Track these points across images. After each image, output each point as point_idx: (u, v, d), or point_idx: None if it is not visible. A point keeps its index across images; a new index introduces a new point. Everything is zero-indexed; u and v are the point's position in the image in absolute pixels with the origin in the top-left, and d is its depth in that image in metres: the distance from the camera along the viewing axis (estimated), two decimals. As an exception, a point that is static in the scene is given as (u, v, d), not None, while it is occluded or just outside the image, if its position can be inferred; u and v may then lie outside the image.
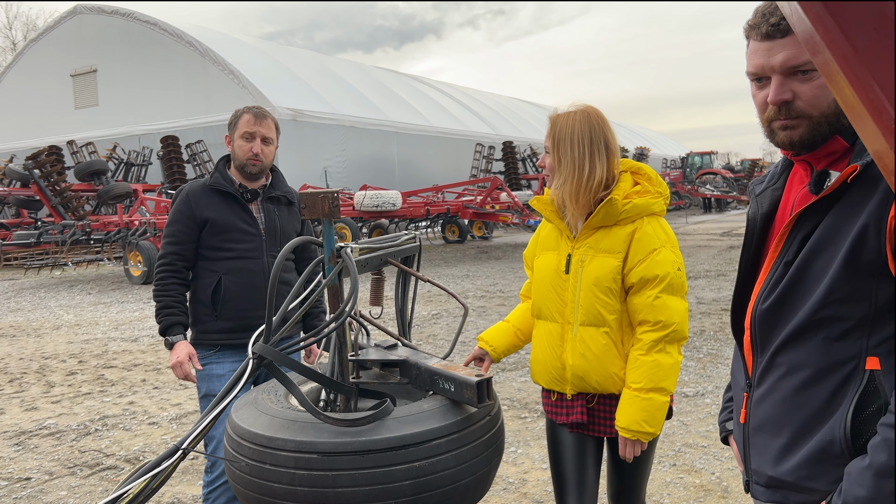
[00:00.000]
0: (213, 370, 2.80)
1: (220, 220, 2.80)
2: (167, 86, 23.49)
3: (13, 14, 67.52)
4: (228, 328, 2.81)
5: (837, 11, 0.71)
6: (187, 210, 2.81)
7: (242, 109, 2.93)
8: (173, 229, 2.82)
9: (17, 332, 8.71)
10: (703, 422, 4.45)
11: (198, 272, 2.84)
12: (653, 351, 1.92)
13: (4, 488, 3.84)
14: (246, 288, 2.81)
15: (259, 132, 2.85)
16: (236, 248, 2.82)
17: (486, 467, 2.05)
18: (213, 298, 2.79)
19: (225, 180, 2.86)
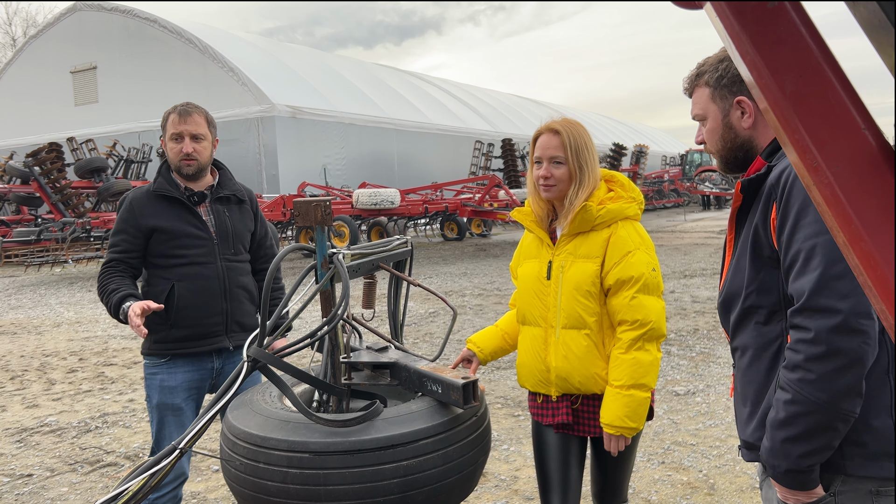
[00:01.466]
0: (163, 382, 2.71)
1: (168, 228, 2.68)
2: (167, 83, 23.54)
3: (13, 10, 67.51)
4: (183, 337, 2.70)
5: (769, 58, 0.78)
6: (132, 219, 2.69)
7: (169, 109, 2.74)
8: (118, 239, 2.70)
9: (18, 330, 8.79)
10: (693, 420, 4.53)
11: (149, 279, 2.73)
12: (632, 349, 2.01)
13: (7, 485, 3.92)
14: (200, 294, 2.70)
15: (186, 130, 2.68)
16: (188, 254, 2.70)
17: (472, 466, 2.13)
18: (166, 306, 2.65)
19: (169, 185, 2.73)
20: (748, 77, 0.84)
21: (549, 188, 2.11)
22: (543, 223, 2.19)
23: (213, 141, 2.80)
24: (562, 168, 2.09)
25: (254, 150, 21.85)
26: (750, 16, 0.79)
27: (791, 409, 1.39)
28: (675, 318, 7.73)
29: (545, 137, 2.11)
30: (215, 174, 2.86)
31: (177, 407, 2.74)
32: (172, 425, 2.73)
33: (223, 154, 22.15)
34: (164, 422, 2.73)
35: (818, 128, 0.75)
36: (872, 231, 0.73)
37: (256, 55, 24.58)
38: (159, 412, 2.72)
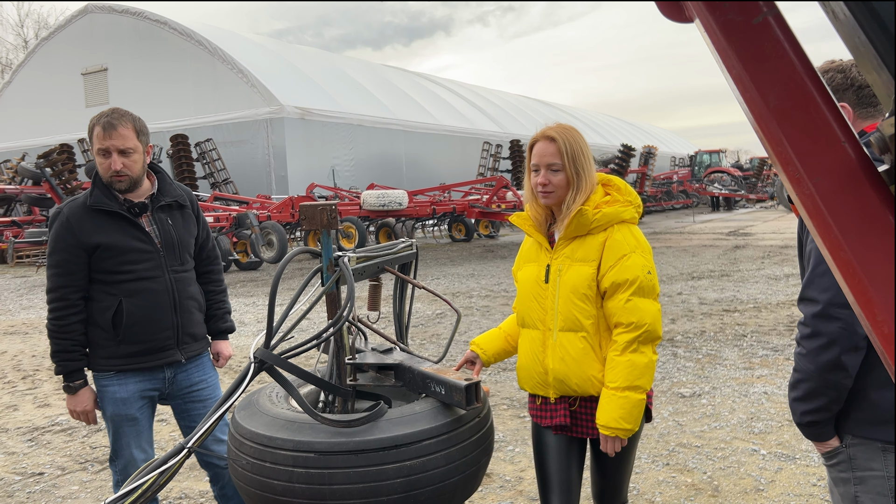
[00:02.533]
0: (114, 393, 2.64)
1: (111, 244, 2.54)
2: (176, 84, 23.70)
3: (24, 12, 68.06)
4: (133, 353, 2.62)
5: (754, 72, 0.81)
6: (70, 237, 2.53)
7: (93, 120, 2.56)
8: (57, 259, 2.54)
9: (30, 330, 8.88)
10: (699, 422, 4.54)
11: (93, 294, 2.59)
12: (627, 351, 2.03)
13: (19, 482, 3.98)
14: (150, 310, 2.61)
15: (113, 146, 2.51)
16: (134, 269, 2.58)
17: (475, 466, 2.16)
18: (113, 322, 2.57)
19: (107, 197, 2.57)
20: (734, 91, 0.87)
21: (547, 195, 2.14)
22: (542, 227, 2.22)
23: (144, 150, 2.64)
24: (559, 175, 2.12)
25: (263, 151, 21.95)
26: (736, 31, 0.82)
27: (794, 376, 1.79)
28: (682, 320, 7.73)
29: (541, 145, 2.14)
30: (153, 179, 2.73)
31: (131, 417, 2.68)
32: (129, 435, 2.70)
33: (234, 155, 22.34)
34: (119, 432, 2.68)
35: (800, 140, 0.78)
36: (851, 240, 0.75)
37: (266, 57, 24.70)
38: (114, 422, 2.67)
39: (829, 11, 0.82)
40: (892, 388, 1.64)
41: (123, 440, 2.69)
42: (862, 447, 1.71)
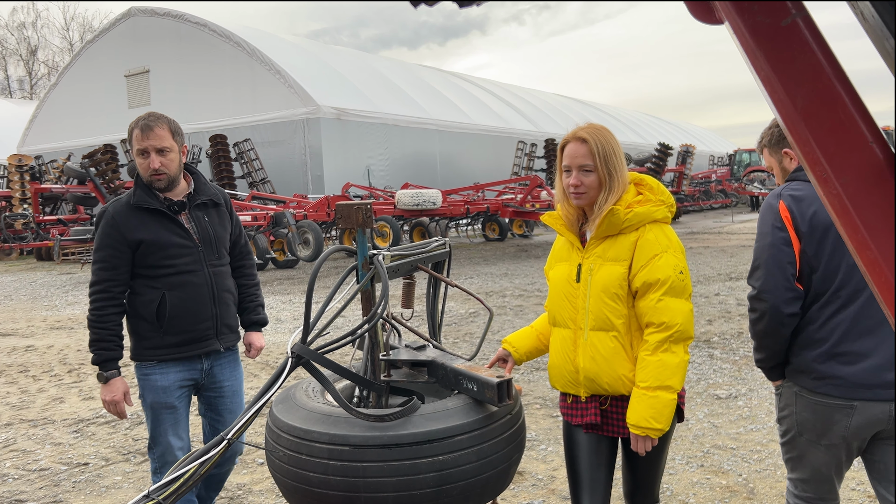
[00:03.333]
0: (156, 382, 2.77)
1: (154, 240, 2.69)
2: (215, 85, 24.10)
3: (70, 15, 69.88)
4: (176, 343, 2.75)
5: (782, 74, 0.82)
6: (116, 234, 2.68)
7: (132, 124, 2.72)
8: (104, 254, 2.68)
9: (75, 325, 9.14)
10: (734, 424, 4.49)
11: (136, 288, 2.74)
12: (658, 351, 2.03)
13: (65, 472, 4.11)
14: (191, 302, 2.75)
15: (151, 146, 2.67)
16: (176, 263, 2.73)
17: (507, 463, 2.18)
18: (157, 314, 2.71)
19: (148, 196, 2.73)
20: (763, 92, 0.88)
21: (579, 196, 2.15)
22: (573, 227, 2.23)
23: (180, 150, 2.78)
24: (591, 175, 2.12)
25: (300, 151, 22.21)
26: (764, 33, 0.83)
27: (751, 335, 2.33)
28: (719, 321, 7.64)
29: (573, 146, 2.14)
30: (189, 180, 2.88)
31: (170, 405, 2.80)
32: (167, 422, 2.82)
33: (272, 155, 22.60)
34: (158, 419, 2.80)
35: (828, 141, 0.79)
36: (878, 240, 0.76)
37: (302, 58, 24.97)
38: (154, 410, 2.79)
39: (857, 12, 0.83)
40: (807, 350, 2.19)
41: (162, 427, 2.81)
42: (787, 389, 2.30)
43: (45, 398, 5.72)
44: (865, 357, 2.07)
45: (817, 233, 2.09)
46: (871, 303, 2.06)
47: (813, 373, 2.16)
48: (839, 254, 2.08)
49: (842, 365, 2.10)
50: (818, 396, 2.15)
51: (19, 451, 4.50)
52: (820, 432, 2.16)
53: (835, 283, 2.10)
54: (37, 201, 19.83)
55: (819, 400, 2.15)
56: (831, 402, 2.12)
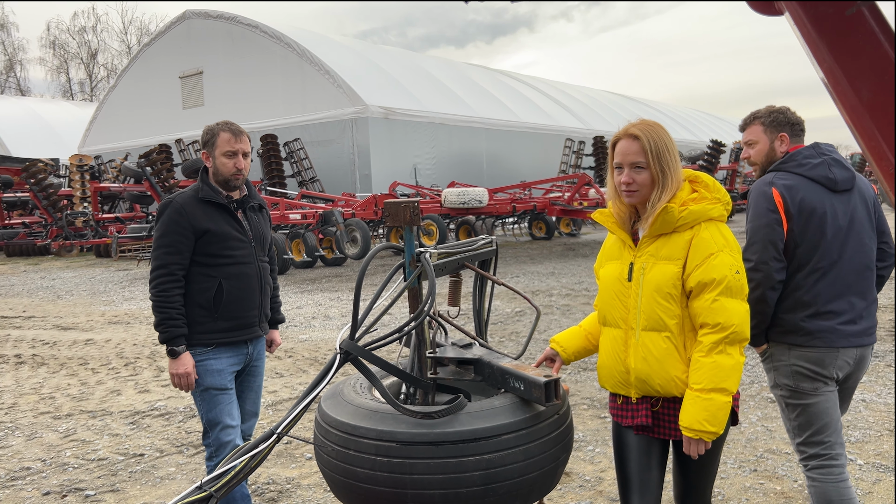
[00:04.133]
0: (211, 366, 2.96)
1: (218, 231, 2.94)
2: (266, 86, 24.52)
3: (128, 20, 72.05)
4: (227, 328, 2.98)
5: (846, 65, 0.79)
6: (184, 221, 2.90)
7: (218, 127, 3.01)
8: (171, 239, 2.90)
9: (131, 320, 9.43)
10: (789, 428, 4.36)
11: (193, 277, 2.94)
12: (713, 352, 1.98)
13: (122, 462, 4.24)
14: (244, 291, 3.00)
15: (240, 149, 2.99)
16: (234, 254, 2.98)
17: (554, 463, 2.16)
18: (214, 302, 2.93)
19: (213, 192, 2.99)
20: (825, 84, 0.85)
21: (631, 194, 2.11)
22: (625, 225, 2.19)
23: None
24: (644, 173, 2.08)
25: (348, 150, 22.44)
26: (827, 24, 0.80)
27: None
28: (772, 323, 7.42)
29: (624, 143, 2.10)
30: (243, 186, 3.17)
31: (224, 387, 3.00)
32: (223, 403, 3.00)
33: (320, 154, 22.88)
34: (214, 402, 2.98)
35: (894, 135, 0.75)
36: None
37: (351, 58, 25.22)
38: (210, 394, 2.98)
39: None
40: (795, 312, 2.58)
41: (217, 409, 2.98)
42: (777, 347, 2.64)
43: (104, 390, 5.91)
44: (840, 315, 2.57)
45: (804, 215, 2.56)
46: (840, 272, 2.57)
47: (802, 330, 2.58)
48: (819, 232, 2.56)
49: (825, 321, 2.56)
50: (808, 348, 2.58)
51: (79, 440, 4.66)
52: (814, 375, 2.58)
53: (815, 255, 2.56)
54: (96, 200, 20.52)
55: (810, 350, 2.58)
56: (820, 350, 2.57)
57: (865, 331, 2.61)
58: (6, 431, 4.90)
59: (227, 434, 2.97)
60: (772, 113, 2.78)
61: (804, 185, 2.57)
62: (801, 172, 2.59)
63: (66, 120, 38.77)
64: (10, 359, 7.30)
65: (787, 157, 2.67)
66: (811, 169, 2.59)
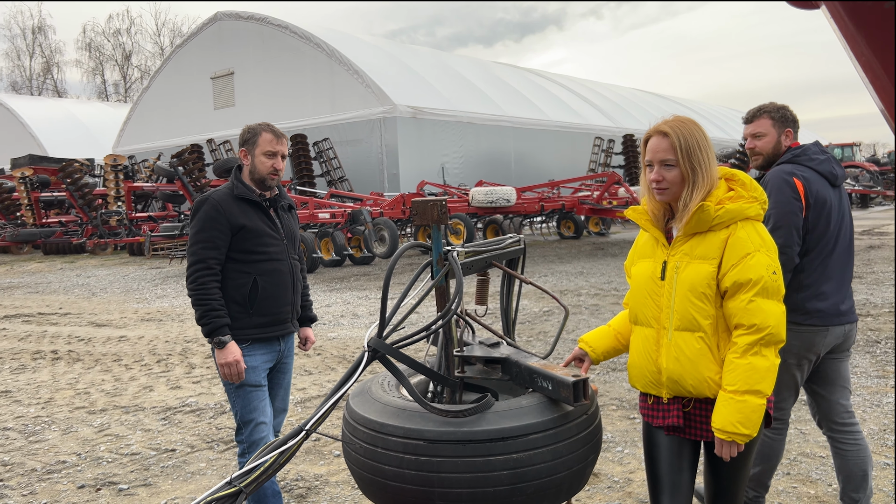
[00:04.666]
0: (246, 362, 2.98)
1: (253, 227, 3.00)
2: (296, 86, 24.73)
3: (161, 21, 73.23)
4: (262, 324, 3.02)
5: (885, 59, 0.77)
6: (221, 217, 2.95)
7: (260, 127, 3.08)
8: (208, 235, 2.95)
9: (164, 317, 9.58)
10: (824, 432, 4.28)
11: (228, 273, 2.99)
12: (748, 354, 1.95)
13: (154, 457, 4.31)
14: (278, 287, 3.05)
15: (280, 150, 3.06)
16: (268, 251, 3.03)
17: (582, 463, 2.15)
18: (249, 298, 2.98)
19: (248, 190, 3.06)
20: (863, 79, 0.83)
21: (662, 192, 2.08)
22: (659, 223, 2.16)
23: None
24: (673, 171, 2.05)
25: (376, 150, 22.54)
26: (866, 17, 0.78)
27: None
28: (806, 324, 7.29)
29: (655, 140, 2.08)
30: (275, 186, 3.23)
31: (259, 384, 3.04)
32: (257, 399, 3.03)
33: (349, 154, 23.02)
34: (249, 398, 3.01)
35: (936, 129, 0.73)
36: None
37: (380, 57, 25.31)
38: (245, 391, 3.01)
39: None
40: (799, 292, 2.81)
41: (251, 405, 3.02)
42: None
43: (136, 386, 6.01)
44: (831, 295, 2.85)
45: (818, 205, 2.81)
46: (834, 258, 2.85)
47: (801, 310, 2.81)
48: (826, 221, 2.83)
49: (820, 302, 2.82)
50: (805, 327, 2.82)
51: (113, 435, 4.75)
52: (803, 353, 2.84)
53: (821, 242, 2.82)
54: (129, 199, 20.88)
55: (806, 328, 2.82)
56: (814, 328, 2.82)
57: (851, 309, 2.93)
58: (43, 426, 5.01)
59: (259, 431, 3.01)
60: (779, 109, 3.03)
61: (816, 178, 2.84)
62: (813, 166, 2.87)
63: (101, 121, 39.55)
64: (47, 354, 7.47)
65: (799, 152, 2.92)
66: (820, 164, 2.88)
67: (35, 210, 22.19)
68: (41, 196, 22.58)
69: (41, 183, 22.62)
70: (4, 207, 23.74)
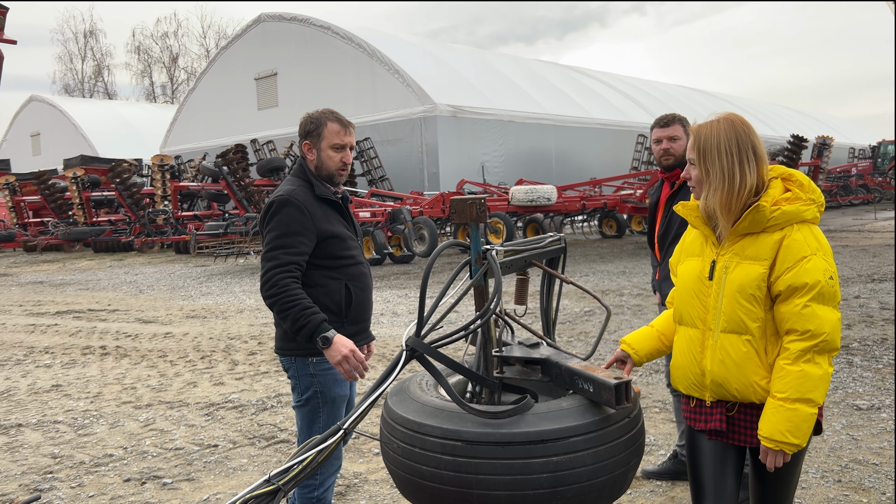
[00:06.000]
0: (337, 375, 2.68)
1: (338, 231, 2.72)
2: (338, 86, 24.95)
3: (207, 24, 74.69)
4: (354, 332, 2.74)
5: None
6: (307, 221, 2.64)
7: (324, 117, 2.77)
8: (293, 240, 2.61)
9: (208, 314, 9.75)
10: (877, 438, 4.13)
11: (317, 280, 2.67)
12: (800, 361, 1.88)
13: (197, 452, 4.38)
14: (365, 291, 2.80)
15: (349, 142, 2.77)
16: (353, 254, 2.77)
17: (624, 468, 2.10)
18: (345, 305, 2.70)
19: (327, 190, 2.76)
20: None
21: (692, 189, 2.09)
22: (710, 220, 2.10)
23: None
24: (696, 170, 2.04)
25: (417, 149, 22.60)
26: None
27: None
28: (859, 326, 7.06)
29: (690, 138, 2.08)
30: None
31: (346, 395, 2.79)
32: (342, 413, 2.76)
33: (390, 153, 23.16)
34: (336, 413, 2.74)
35: None
36: None
37: (420, 57, 25.38)
38: (336, 405, 2.74)
39: None
40: None
41: (335, 418, 2.71)
42: None
43: (181, 382, 6.12)
44: None
45: None
46: None
47: None
48: None
49: None
50: None
51: (158, 430, 4.84)
52: None
53: None
54: (176, 198, 21.35)
55: None
56: None
57: None
58: (91, 419, 5.14)
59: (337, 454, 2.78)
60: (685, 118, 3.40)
61: None
62: None
63: (149, 122, 40.54)
64: (95, 350, 7.67)
65: None
66: None
67: (86, 209, 22.85)
68: (92, 195, 23.25)
69: (92, 183, 23.30)
70: (57, 206, 24.51)
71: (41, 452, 4.48)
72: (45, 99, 41.87)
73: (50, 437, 4.79)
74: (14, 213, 25.32)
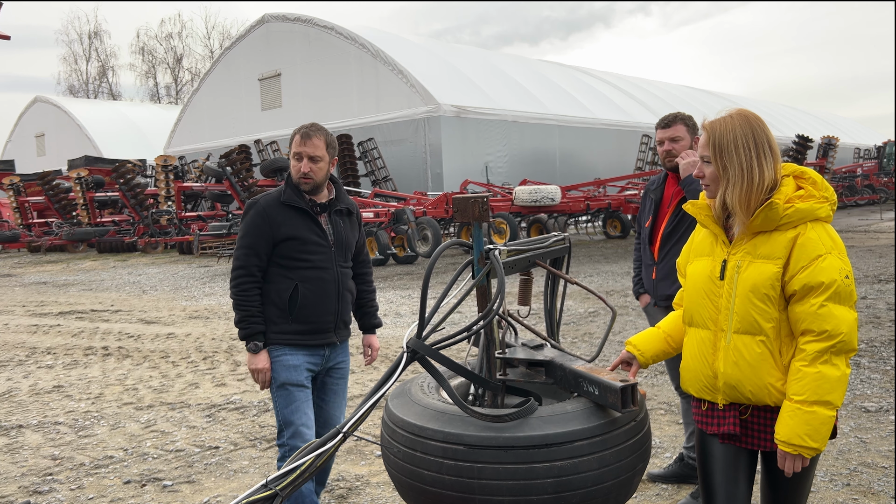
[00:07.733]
0: (287, 361, 2.95)
1: (297, 235, 2.93)
2: (342, 86, 24.93)
3: (211, 25, 74.85)
4: (301, 331, 2.96)
5: None
6: (264, 225, 2.92)
7: (296, 129, 3.01)
8: (251, 241, 2.94)
9: (211, 315, 9.72)
10: (886, 440, 4.07)
11: (272, 277, 2.97)
12: (817, 362, 1.83)
13: (198, 454, 4.35)
14: (320, 296, 2.97)
15: (305, 152, 2.93)
16: (311, 258, 2.96)
17: (630, 472, 2.05)
18: (289, 303, 2.94)
19: (297, 196, 2.98)
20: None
21: (705, 187, 2.04)
22: (720, 219, 2.05)
23: (330, 161, 3.03)
24: (710, 167, 1.99)
25: (420, 149, 22.56)
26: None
27: None
28: (866, 327, 7.00)
29: (701, 136, 2.03)
30: (331, 188, 3.13)
31: (301, 383, 2.96)
32: (299, 400, 2.95)
33: (393, 154, 23.12)
34: (291, 397, 2.95)
35: None
36: None
37: (424, 57, 25.34)
38: (286, 390, 2.95)
39: None
40: None
41: (293, 406, 2.95)
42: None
43: (183, 383, 6.09)
44: None
45: None
46: None
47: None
48: None
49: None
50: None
51: (159, 431, 4.80)
52: None
53: None
54: (179, 199, 21.35)
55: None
56: None
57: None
58: (92, 420, 5.11)
59: (300, 436, 2.92)
60: (691, 118, 3.34)
61: None
62: None
63: (153, 122, 40.59)
64: (98, 350, 7.64)
65: None
66: None
67: (90, 209, 22.88)
68: (96, 196, 23.27)
69: (96, 183, 23.32)
70: (61, 207, 24.55)
71: (41, 454, 4.45)
72: (49, 100, 41.95)
73: (50, 438, 4.76)
74: (18, 214, 25.38)
